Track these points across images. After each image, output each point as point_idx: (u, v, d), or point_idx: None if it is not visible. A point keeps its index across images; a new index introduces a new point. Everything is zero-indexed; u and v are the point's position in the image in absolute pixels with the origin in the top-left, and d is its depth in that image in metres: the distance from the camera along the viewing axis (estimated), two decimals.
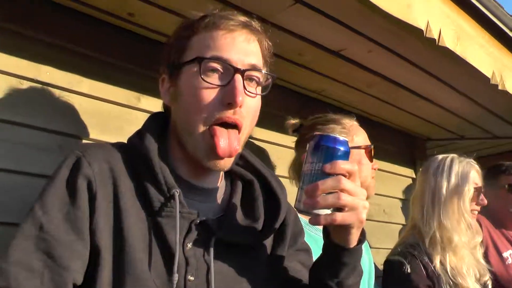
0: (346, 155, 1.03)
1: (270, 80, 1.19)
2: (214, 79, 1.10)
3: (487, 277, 2.13)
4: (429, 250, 2.05)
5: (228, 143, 1.09)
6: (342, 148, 1.03)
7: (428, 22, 1.84)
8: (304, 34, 2.03)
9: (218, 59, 1.10)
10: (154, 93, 1.92)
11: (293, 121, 1.92)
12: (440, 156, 2.25)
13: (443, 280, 1.99)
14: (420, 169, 2.27)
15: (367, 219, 1.07)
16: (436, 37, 1.88)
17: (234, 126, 1.11)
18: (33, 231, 1.00)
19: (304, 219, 1.77)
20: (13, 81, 1.63)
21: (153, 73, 1.90)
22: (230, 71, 1.10)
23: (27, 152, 1.61)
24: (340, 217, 1.00)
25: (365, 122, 2.17)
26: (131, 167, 1.12)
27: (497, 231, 2.72)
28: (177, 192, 1.08)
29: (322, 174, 1.00)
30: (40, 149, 1.64)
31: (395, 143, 3.38)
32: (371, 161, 1.88)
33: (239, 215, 1.21)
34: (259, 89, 1.18)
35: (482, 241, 2.21)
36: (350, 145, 1.79)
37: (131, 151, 1.14)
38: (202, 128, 1.10)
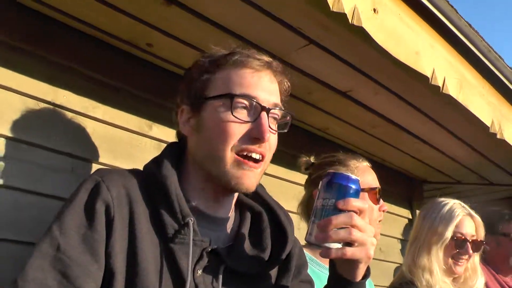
0: (357, 193, 1.09)
1: (288, 118, 1.27)
2: (243, 115, 1.16)
3: None
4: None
5: (253, 178, 1.18)
6: (354, 186, 1.09)
7: (433, 70, 1.91)
8: (314, 74, 2.10)
9: (247, 97, 1.16)
10: (166, 122, 2.00)
11: (305, 158, 1.95)
12: (432, 200, 2.30)
13: None
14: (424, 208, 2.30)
15: None
16: (440, 84, 1.95)
17: (259, 159, 1.18)
18: (50, 250, 1.03)
19: (309, 254, 1.81)
20: (30, 102, 1.67)
21: (166, 102, 2.00)
22: (257, 108, 1.16)
23: (40, 173, 1.64)
24: (350, 251, 1.06)
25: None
26: (147, 193, 1.15)
27: (489, 274, 2.75)
28: (191, 220, 1.11)
29: (334, 210, 1.06)
30: (53, 170, 1.68)
31: (394, 183, 3.43)
32: (376, 203, 1.87)
33: (247, 245, 1.25)
34: (277, 126, 1.24)
35: None
36: None
37: (148, 178, 1.18)
38: (229, 155, 1.15)
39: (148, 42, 1.89)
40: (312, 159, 1.97)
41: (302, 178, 2.06)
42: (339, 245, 1.06)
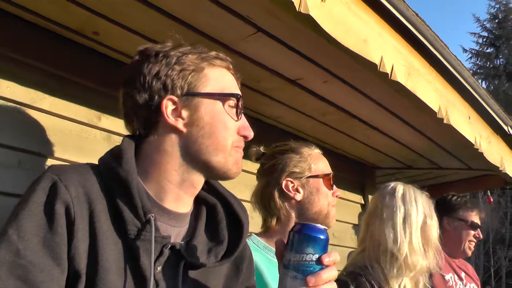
0: (328, 243, 1.11)
1: None
2: (232, 113, 1.24)
3: None
4: (388, 272, 2.08)
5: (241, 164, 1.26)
6: (326, 237, 1.09)
7: (382, 57, 1.93)
8: (264, 62, 2.10)
9: (237, 97, 1.24)
10: (115, 112, 1.92)
11: (255, 148, 1.95)
12: (399, 184, 2.30)
13: None
14: (378, 194, 2.29)
15: None
16: (389, 71, 1.97)
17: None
18: (7, 257, 0.97)
19: (263, 242, 1.82)
20: None
21: (115, 92, 1.93)
22: (240, 109, 1.25)
23: None
24: None
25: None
26: (106, 190, 1.11)
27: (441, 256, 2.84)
28: (152, 217, 1.09)
29: (316, 264, 1.06)
30: (0, 166, 1.62)
31: (345, 170, 3.47)
32: (330, 188, 1.91)
33: (204, 239, 1.24)
34: None
35: None
36: (308, 174, 1.86)
37: (106, 173, 1.14)
38: (230, 148, 1.21)
39: (95, 30, 1.84)
40: (262, 149, 1.97)
41: (253, 166, 2.05)
42: None
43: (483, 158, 3.10)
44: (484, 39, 21.31)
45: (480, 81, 21.00)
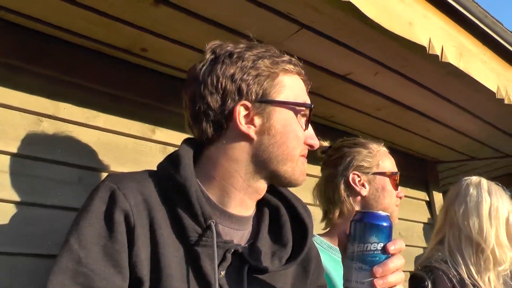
0: (391, 230, 1.08)
1: None
2: (302, 122, 1.23)
3: None
4: (474, 265, 2.02)
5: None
6: (389, 224, 1.08)
7: (430, 39, 1.89)
8: (311, 60, 2.09)
9: (309, 107, 1.24)
10: (168, 125, 2.03)
11: (322, 142, 1.96)
12: (484, 179, 2.22)
13: None
14: (460, 184, 2.21)
15: None
16: (439, 53, 1.92)
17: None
18: (70, 265, 1.00)
19: (327, 243, 1.80)
20: (31, 118, 1.69)
21: (167, 106, 2.00)
22: (308, 118, 1.24)
23: (47, 186, 1.65)
24: None
25: None
26: (165, 197, 1.12)
27: None
28: (213, 222, 1.09)
29: (382, 254, 1.04)
30: (60, 182, 1.69)
31: (406, 166, 3.38)
32: (396, 189, 1.90)
33: (268, 242, 1.24)
34: None
35: None
36: (376, 170, 1.85)
37: (164, 180, 1.14)
38: (298, 157, 1.21)
39: (143, 47, 1.90)
40: (328, 143, 1.98)
41: (313, 169, 2.05)
42: None
43: None
44: None
45: None
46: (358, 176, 1.85)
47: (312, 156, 1.91)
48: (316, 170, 2.02)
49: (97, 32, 1.79)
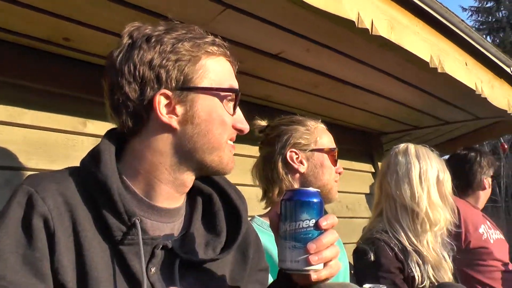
0: (322, 206, 1.06)
1: None
2: (229, 108, 1.16)
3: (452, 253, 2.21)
4: (412, 230, 2.08)
5: None
6: (319, 200, 1.05)
7: (358, 13, 1.86)
8: (242, 41, 2.04)
9: (235, 91, 1.18)
10: (100, 117, 1.92)
11: (260, 121, 1.95)
12: (410, 144, 2.27)
13: (413, 259, 2.02)
14: (389, 155, 2.25)
15: None
16: (368, 27, 1.90)
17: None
18: None
19: (267, 222, 1.77)
20: None
21: (97, 97, 1.88)
22: (236, 102, 1.18)
23: None
24: (327, 272, 1.04)
25: None
26: (88, 195, 1.06)
27: (472, 210, 2.86)
28: (138, 219, 1.04)
29: (314, 230, 1.02)
30: None
31: (350, 141, 3.42)
32: (334, 164, 1.90)
33: (202, 232, 1.19)
34: None
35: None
36: (314, 147, 1.84)
37: (86, 178, 1.08)
38: (225, 145, 1.16)
39: (65, 36, 1.81)
40: (265, 122, 1.96)
41: (250, 150, 2.01)
42: (321, 266, 1.03)
43: (488, 104, 3.01)
44: None
45: (484, 36, 20.83)
46: (296, 154, 1.84)
47: (250, 138, 1.90)
48: (255, 150, 2.00)
49: (15, 24, 1.69)
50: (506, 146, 13.19)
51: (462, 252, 2.60)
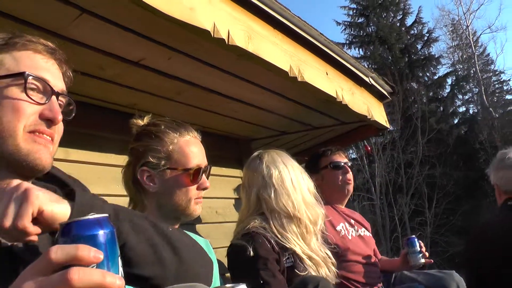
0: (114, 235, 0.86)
1: (72, 106, 1.26)
2: (35, 96, 1.12)
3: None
4: (278, 228, 2.13)
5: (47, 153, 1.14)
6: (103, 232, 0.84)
7: (214, 23, 1.90)
8: (102, 47, 2.02)
9: (41, 79, 1.13)
10: None
11: (136, 120, 1.88)
12: (263, 151, 2.36)
13: (291, 252, 2.10)
14: (250, 163, 2.32)
15: (202, 223, 1.06)
16: (225, 37, 1.95)
17: (50, 140, 1.15)
18: None
19: None
20: None
21: None
22: (48, 92, 1.14)
23: None
24: None
25: None
26: None
27: (329, 208, 2.94)
28: None
29: None
30: None
31: (219, 147, 3.46)
32: (195, 181, 1.80)
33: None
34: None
35: None
36: (168, 165, 1.75)
37: None
38: (22, 133, 1.10)
39: None
40: (144, 120, 1.89)
41: (116, 159, 1.98)
42: None
43: (349, 110, 3.21)
44: (354, 11, 22.44)
45: (357, 49, 22.27)
46: (148, 172, 1.76)
47: (118, 147, 1.84)
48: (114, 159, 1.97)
49: None
50: (369, 148, 14.13)
51: None
